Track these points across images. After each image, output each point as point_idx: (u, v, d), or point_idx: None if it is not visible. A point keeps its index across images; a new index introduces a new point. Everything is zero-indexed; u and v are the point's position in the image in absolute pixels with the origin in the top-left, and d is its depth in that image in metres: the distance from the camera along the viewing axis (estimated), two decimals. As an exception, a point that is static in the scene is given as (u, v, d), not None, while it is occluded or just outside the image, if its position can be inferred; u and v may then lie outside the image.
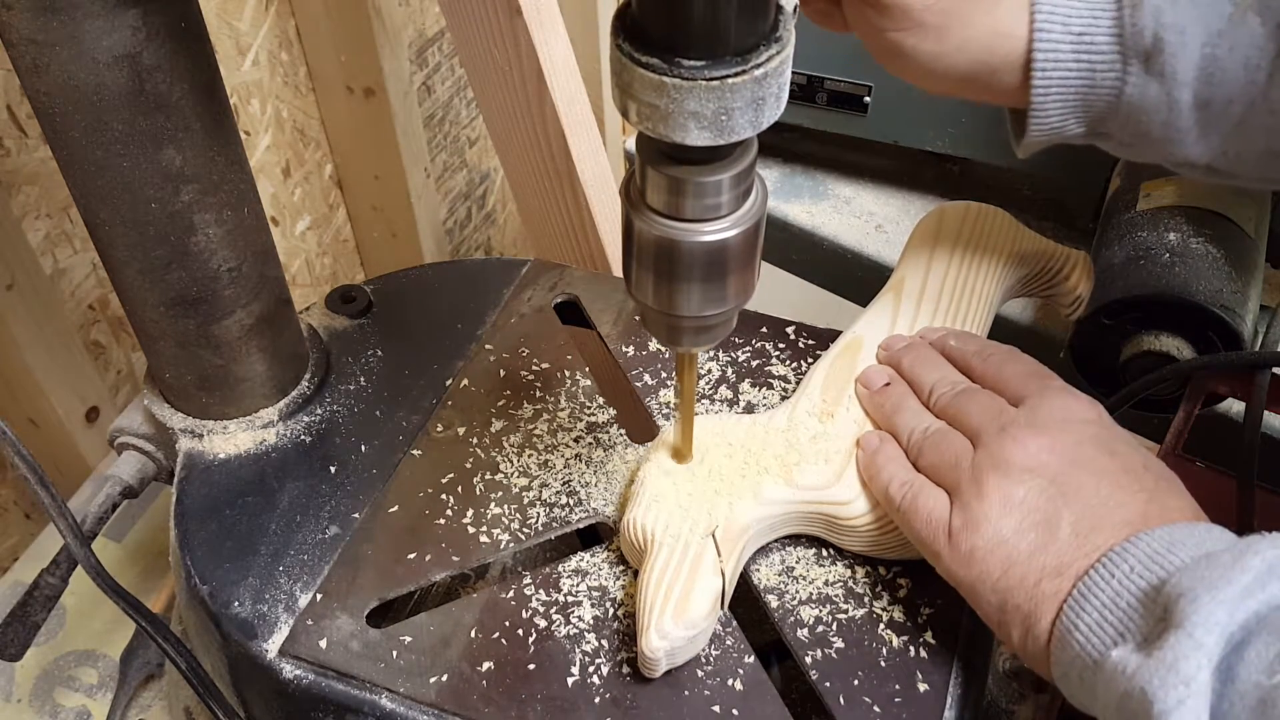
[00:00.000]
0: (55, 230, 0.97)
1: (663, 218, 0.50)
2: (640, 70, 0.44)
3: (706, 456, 0.65)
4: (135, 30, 0.55)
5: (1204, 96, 0.60)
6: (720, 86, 0.43)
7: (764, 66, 0.44)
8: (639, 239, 0.52)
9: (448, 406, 0.74)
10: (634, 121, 0.46)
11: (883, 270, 1.06)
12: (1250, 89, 0.59)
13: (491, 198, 1.62)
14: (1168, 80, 0.60)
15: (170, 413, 0.72)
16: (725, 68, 0.43)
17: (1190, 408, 0.78)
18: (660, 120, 0.45)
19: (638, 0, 0.44)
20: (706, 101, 0.44)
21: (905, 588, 0.63)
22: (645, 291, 0.54)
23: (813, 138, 1.13)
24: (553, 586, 0.63)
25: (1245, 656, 0.44)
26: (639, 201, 0.51)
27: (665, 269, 0.52)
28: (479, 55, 1.00)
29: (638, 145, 0.50)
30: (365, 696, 0.58)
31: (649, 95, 0.44)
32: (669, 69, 0.43)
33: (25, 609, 0.69)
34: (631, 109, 0.46)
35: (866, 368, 0.69)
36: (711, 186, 0.49)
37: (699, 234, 0.50)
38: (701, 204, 0.49)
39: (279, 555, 0.65)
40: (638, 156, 0.50)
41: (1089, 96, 0.63)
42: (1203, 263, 0.84)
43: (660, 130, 0.45)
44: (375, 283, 0.84)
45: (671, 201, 0.50)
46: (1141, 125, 0.62)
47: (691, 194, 0.49)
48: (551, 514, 0.67)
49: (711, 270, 0.52)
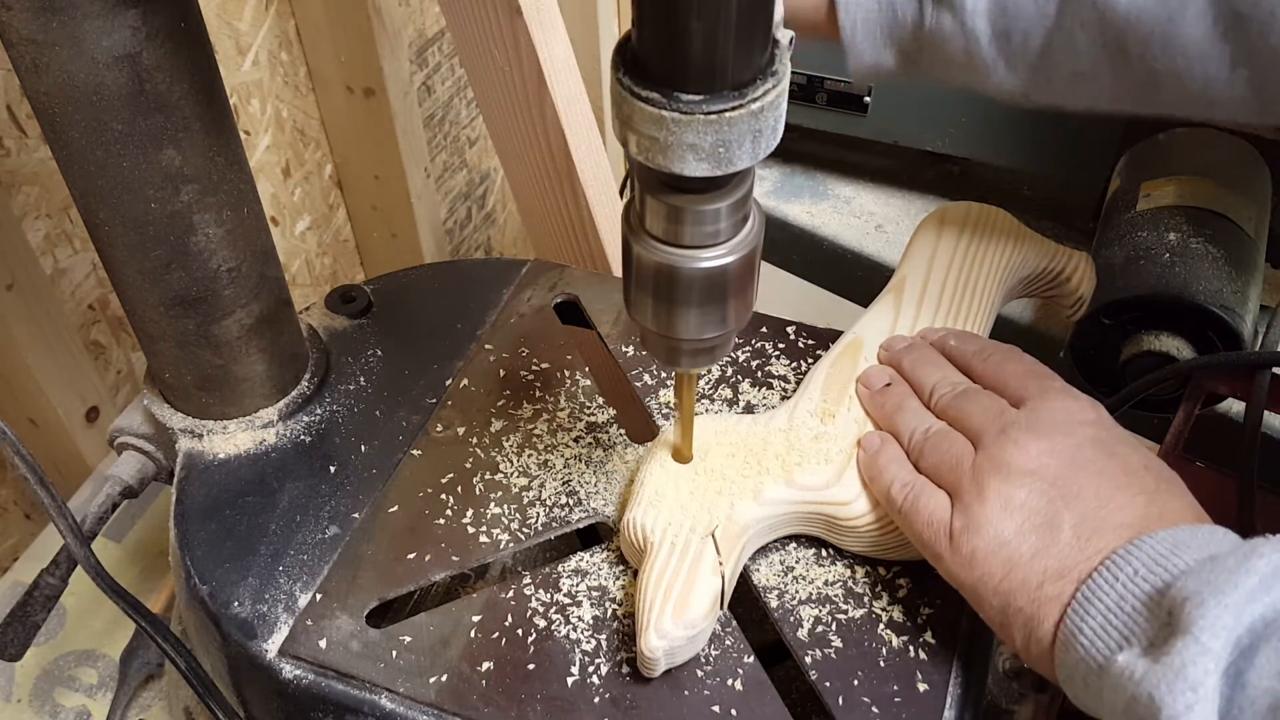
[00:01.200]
0: (55, 230, 0.96)
1: (662, 244, 0.51)
2: (640, 104, 0.45)
3: (707, 456, 0.65)
4: (135, 30, 0.55)
5: (1001, 28, 0.63)
6: (718, 120, 0.44)
7: (761, 100, 0.44)
8: (638, 264, 0.53)
9: (447, 406, 0.74)
10: (634, 153, 0.47)
11: (883, 270, 1.06)
12: (1043, 20, 0.62)
13: (491, 198, 1.62)
14: (960, 12, 0.63)
15: (170, 413, 0.72)
16: (723, 102, 0.44)
17: (1190, 408, 0.78)
18: (659, 152, 0.46)
19: (638, 35, 0.45)
20: (704, 134, 0.44)
21: (905, 588, 0.63)
22: (645, 314, 0.55)
23: (813, 138, 1.13)
24: (552, 586, 0.63)
25: (1255, 662, 0.43)
26: (638, 228, 0.52)
27: (664, 293, 0.53)
28: (479, 55, 1.00)
29: (637, 173, 0.51)
30: (365, 696, 0.58)
31: (648, 128, 0.45)
32: (668, 103, 0.44)
33: (25, 609, 0.69)
34: (631, 140, 0.46)
35: (867, 368, 0.69)
36: (709, 215, 0.50)
37: (697, 260, 0.51)
38: (700, 231, 0.50)
39: (279, 555, 0.65)
40: (638, 183, 0.51)
41: (895, 31, 0.66)
42: (1203, 263, 0.84)
43: (659, 161, 0.46)
44: (375, 283, 0.84)
45: (670, 229, 0.50)
46: (947, 56, 0.65)
47: (690, 222, 0.50)
48: (551, 514, 0.67)
49: (710, 295, 0.53)
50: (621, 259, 0.55)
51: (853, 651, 0.60)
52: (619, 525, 0.64)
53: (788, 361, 0.76)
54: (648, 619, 0.56)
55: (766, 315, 0.79)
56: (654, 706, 0.57)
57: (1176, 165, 0.93)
